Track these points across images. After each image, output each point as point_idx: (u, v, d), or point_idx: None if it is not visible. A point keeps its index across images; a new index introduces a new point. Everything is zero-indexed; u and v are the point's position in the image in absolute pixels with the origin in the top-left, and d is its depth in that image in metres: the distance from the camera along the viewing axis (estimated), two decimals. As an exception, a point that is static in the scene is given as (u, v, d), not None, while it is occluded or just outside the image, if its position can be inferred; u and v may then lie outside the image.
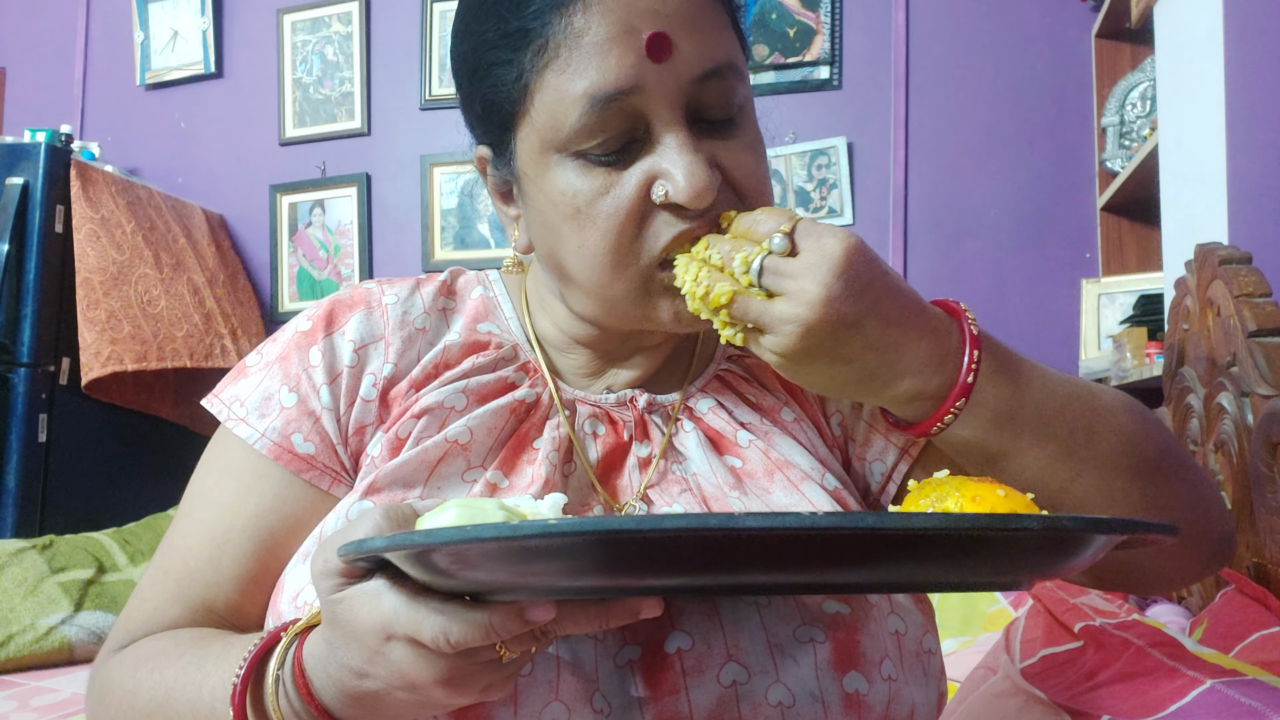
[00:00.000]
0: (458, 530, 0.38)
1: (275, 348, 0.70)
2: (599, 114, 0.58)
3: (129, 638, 0.67)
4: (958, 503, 0.44)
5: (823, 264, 0.53)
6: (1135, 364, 1.87)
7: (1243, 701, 0.60)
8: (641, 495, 0.67)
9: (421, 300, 0.72)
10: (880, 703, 0.57)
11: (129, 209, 2.63)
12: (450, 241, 2.89)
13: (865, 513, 0.36)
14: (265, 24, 3.09)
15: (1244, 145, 1.40)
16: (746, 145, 0.62)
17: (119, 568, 2.10)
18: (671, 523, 0.35)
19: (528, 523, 0.36)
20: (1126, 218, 2.33)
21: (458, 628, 0.43)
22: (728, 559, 0.39)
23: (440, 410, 0.66)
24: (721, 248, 0.57)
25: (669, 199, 0.59)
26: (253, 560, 0.66)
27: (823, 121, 2.61)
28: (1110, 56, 2.37)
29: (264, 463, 0.66)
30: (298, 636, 0.53)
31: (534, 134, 0.61)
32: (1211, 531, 0.66)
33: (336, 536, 0.48)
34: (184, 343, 2.62)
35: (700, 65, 0.59)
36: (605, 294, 0.63)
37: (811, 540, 0.38)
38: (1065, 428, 0.59)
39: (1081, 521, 0.39)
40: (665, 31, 0.57)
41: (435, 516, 0.44)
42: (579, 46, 0.58)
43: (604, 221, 0.60)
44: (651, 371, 0.73)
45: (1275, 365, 0.94)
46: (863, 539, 0.38)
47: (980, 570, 0.43)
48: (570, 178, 0.60)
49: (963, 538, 0.38)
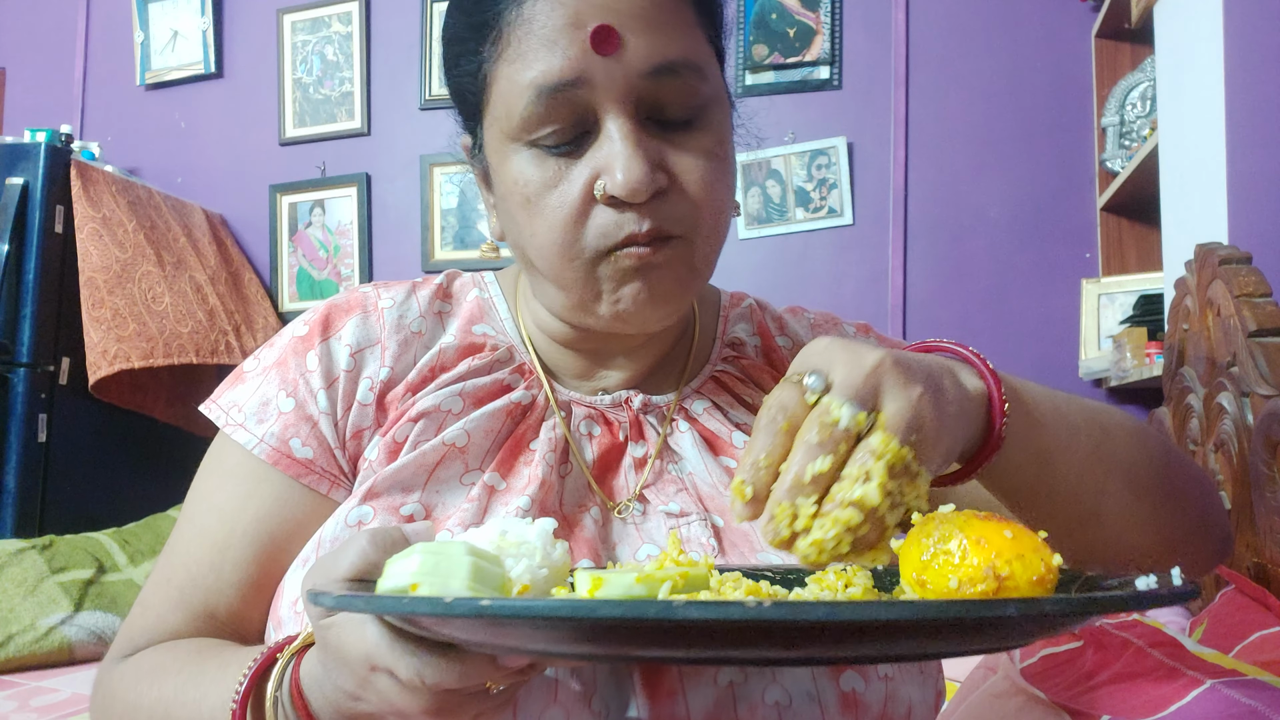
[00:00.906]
0: (395, 600, 0.38)
1: (272, 353, 0.70)
2: (545, 104, 0.59)
3: (132, 646, 0.67)
4: (961, 545, 0.41)
5: (903, 416, 0.46)
6: (1135, 364, 1.87)
7: (1243, 701, 0.60)
8: (638, 495, 0.67)
9: (417, 303, 0.72)
10: (877, 702, 0.57)
11: (130, 208, 2.63)
12: (450, 241, 2.88)
13: (815, 603, 0.33)
14: (265, 24, 3.09)
15: (1244, 145, 1.40)
16: (703, 149, 0.62)
17: (119, 568, 2.10)
18: (605, 610, 0.34)
19: (458, 601, 0.35)
20: (1126, 218, 2.33)
21: (430, 672, 0.43)
22: (676, 639, 0.37)
23: (437, 414, 0.66)
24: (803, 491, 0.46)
25: (608, 193, 0.59)
26: (253, 565, 0.66)
27: (823, 121, 2.61)
28: (1110, 56, 2.37)
29: (263, 468, 0.66)
30: (294, 656, 0.52)
31: (495, 123, 0.63)
32: (1214, 529, 0.67)
33: (326, 560, 0.48)
34: (190, 339, 2.62)
35: (650, 60, 0.59)
36: (560, 280, 0.63)
37: (760, 628, 0.35)
38: (1084, 422, 0.59)
39: (1065, 603, 0.35)
40: (612, 25, 0.58)
41: (400, 562, 0.43)
42: (529, 37, 0.59)
43: (550, 213, 0.61)
44: (642, 372, 0.73)
45: (1275, 365, 0.94)
46: (815, 628, 0.35)
47: (952, 646, 0.40)
48: (524, 167, 0.61)
49: (926, 625, 0.36)
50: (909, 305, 2.53)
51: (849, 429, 0.45)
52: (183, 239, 2.78)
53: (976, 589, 0.40)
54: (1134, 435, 0.62)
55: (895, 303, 2.53)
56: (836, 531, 0.43)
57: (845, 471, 0.44)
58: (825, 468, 0.44)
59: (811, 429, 0.45)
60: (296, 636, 0.54)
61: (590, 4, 0.58)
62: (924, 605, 0.34)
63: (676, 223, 0.61)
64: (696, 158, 0.62)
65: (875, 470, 0.43)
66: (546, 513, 0.64)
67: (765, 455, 0.46)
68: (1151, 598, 0.38)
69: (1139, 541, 0.62)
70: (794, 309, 0.83)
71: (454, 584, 0.41)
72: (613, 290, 0.62)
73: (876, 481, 0.43)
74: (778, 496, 0.44)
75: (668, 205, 0.61)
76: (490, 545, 0.45)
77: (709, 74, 0.63)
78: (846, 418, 0.45)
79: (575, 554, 0.62)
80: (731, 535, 0.65)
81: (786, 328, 0.80)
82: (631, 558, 0.64)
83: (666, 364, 0.75)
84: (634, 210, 0.60)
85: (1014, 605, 0.34)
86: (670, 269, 0.62)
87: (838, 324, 0.81)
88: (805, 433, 0.45)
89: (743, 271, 2.62)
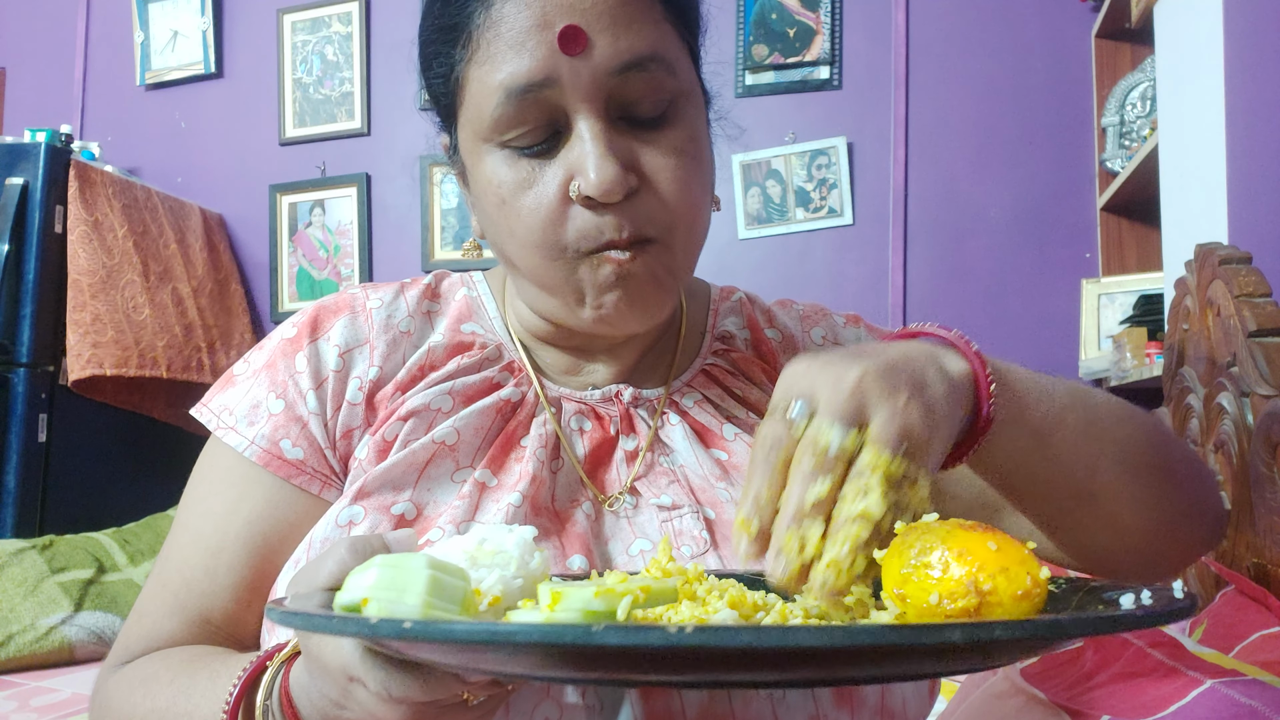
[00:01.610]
0: (326, 620, 0.37)
1: (262, 356, 0.71)
2: (515, 105, 0.59)
3: (129, 654, 0.67)
4: (942, 557, 0.40)
5: (889, 430, 0.46)
6: (1135, 364, 1.87)
7: (1243, 701, 0.60)
8: (629, 488, 0.68)
9: (405, 304, 0.73)
10: (873, 693, 0.57)
11: (124, 212, 2.63)
12: (450, 241, 2.88)
13: (739, 629, 0.32)
14: (265, 24, 3.09)
15: (1244, 145, 1.40)
16: (674, 146, 0.62)
17: (119, 568, 2.10)
18: (522, 635, 0.33)
19: (383, 622, 0.35)
20: (1126, 218, 2.33)
21: (396, 686, 0.43)
22: (606, 662, 0.36)
23: (427, 412, 0.67)
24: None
25: (582, 194, 0.59)
26: (247, 568, 0.66)
27: (823, 121, 2.61)
28: (1110, 56, 2.37)
29: (254, 470, 0.67)
30: (284, 665, 0.53)
31: (468, 124, 0.63)
32: (1208, 510, 0.67)
33: (308, 569, 0.48)
34: (164, 353, 2.64)
35: (618, 58, 0.59)
36: (541, 282, 0.64)
37: (680, 654, 0.34)
38: (1072, 400, 0.58)
39: (1015, 628, 0.33)
40: (579, 25, 0.58)
41: (357, 576, 0.42)
42: (497, 39, 0.59)
43: (527, 214, 0.61)
44: (629, 367, 0.73)
45: (1275, 365, 0.94)
46: (736, 655, 0.33)
47: (899, 669, 0.39)
48: (498, 167, 0.62)
49: (857, 652, 0.34)
50: (909, 305, 2.53)
51: (841, 450, 0.45)
52: (173, 245, 2.79)
53: (958, 604, 0.39)
54: (1124, 414, 0.62)
55: (895, 302, 2.53)
56: (850, 547, 0.42)
57: (843, 493, 0.44)
58: (825, 490, 0.44)
59: (805, 457, 0.45)
60: (285, 645, 0.54)
61: (557, 5, 0.58)
62: (855, 630, 0.33)
63: (652, 224, 0.62)
64: (669, 155, 0.62)
65: (872, 484, 0.43)
66: (538, 508, 0.64)
67: (766, 490, 0.46)
68: (1109, 620, 0.36)
69: (1135, 522, 0.62)
70: (783, 302, 0.84)
71: (409, 599, 0.39)
72: (595, 296, 0.63)
73: (877, 493, 0.43)
74: (783, 525, 0.44)
75: (642, 205, 0.61)
76: (467, 554, 0.44)
77: (678, 69, 0.63)
78: (835, 443, 0.45)
79: (567, 550, 0.62)
80: (723, 528, 0.65)
81: (775, 320, 0.81)
82: (624, 551, 0.64)
83: (655, 358, 0.75)
84: (611, 212, 0.60)
85: (959, 631, 0.32)
86: (649, 276, 0.62)
87: (826, 315, 0.82)
88: (799, 462, 0.45)
89: (743, 271, 2.62)
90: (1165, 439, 0.65)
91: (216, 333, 2.85)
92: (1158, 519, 0.63)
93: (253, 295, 3.09)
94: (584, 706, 0.55)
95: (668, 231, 0.62)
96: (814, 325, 0.80)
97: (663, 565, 0.49)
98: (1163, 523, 0.64)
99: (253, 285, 3.10)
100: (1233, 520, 1.04)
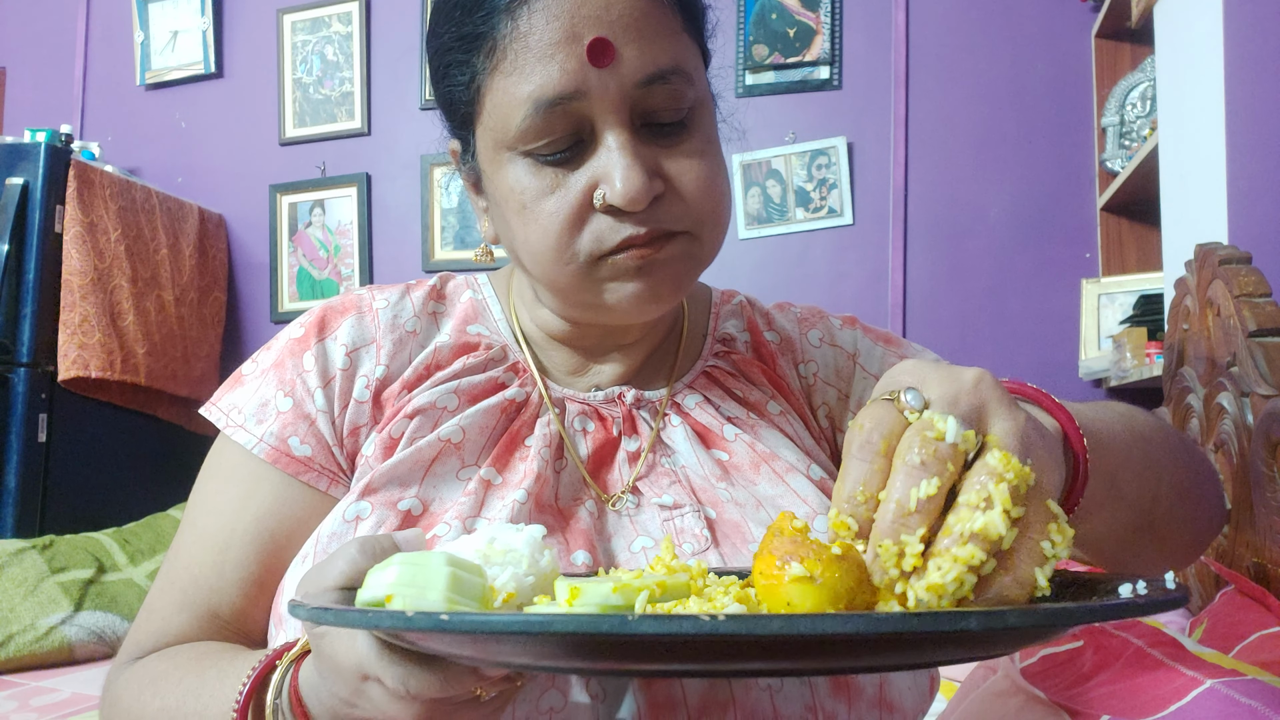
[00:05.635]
0: (361, 615, 0.38)
1: (270, 355, 0.72)
2: (543, 117, 0.59)
3: (139, 650, 0.68)
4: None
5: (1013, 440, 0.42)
6: (1135, 364, 1.87)
7: (1243, 701, 0.60)
8: (631, 487, 0.68)
9: (411, 304, 0.74)
10: (871, 684, 0.58)
11: (119, 215, 2.64)
12: (450, 241, 2.89)
13: (771, 616, 0.32)
14: (265, 24, 3.09)
15: (1244, 145, 1.40)
16: (695, 151, 0.63)
17: (119, 567, 2.10)
18: (559, 625, 0.34)
19: (418, 615, 0.35)
20: (1126, 218, 2.33)
21: (414, 681, 0.43)
22: (636, 652, 0.37)
23: (433, 410, 0.68)
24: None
25: (607, 202, 0.60)
26: (255, 564, 0.67)
27: (823, 121, 2.61)
28: (1110, 56, 2.37)
29: (263, 467, 0.67)
30: (293, 664, 0.53)
31: (488, 132, 0.63)
32: (1221, 506, 0.69)
33: (317, 569, 0.48)
34: (144, 360, 2.66)
35: (643, 70, 0.60)
36: (555, 284, 0.64)
37: (715, 642, 0.34)
38: (1131, 435, 0.57)
39: (1029, 616, 0.33)
40: (607, 37, 0.58)
41: (378, 573, 0.42)
42: (525, 50, 0.59)
43: (546, 220, 0.61)
44: (634, 368, 0.74)
45: (1275, 365, 0.94)
46: (769, 642, 0.34)
47: (918, 657, 0.39)
48: (520, 175, 0.62)
49: (883, 639, 0.34)
50: (909, 305, 2.53)
51: (956, 446, 0.39)
52: (164, 250, 2.80)
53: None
54: (1164, 437, 0.62)
55: (895, 302, 2.53)
56: (957, 573, 0.37)
57: (962, 499, 0.38)
58: (932, 490, 0.38)
59: (912, 448, 0.39)
60: (294, 644, 0.54)
61: (584, 16, 0.58)
62: (882, 619, 0.33)
63: (677, 221, 0.63)
64: (690, 159, 0.63)
65: (998, 494, 0.37)
66: (542, 506, 0.65)
67: (863, 483, 0.40)
68: (1133, 606, 0.36)
69: (1182, 539, 0.63)
70: (781, 305, 0.85)
71: (431, 595, 0.40)
72: (612, 287, 0.63)
73: (999, 508, 0.37)
74: (881, 532, 0.39)
75: (666, 208, 0.62)
76: (478, 553, 0.45)
77: (696, 78, 0.64)
78: (953, 431, 0.39)
79: (570, 546, 0.63)
80: (724, 527, 0.66)
81: (774, 323, 0.82)
82: (626, 550, 0.65)
83: (657, 360, 0.76)
84: (631, 218, 0.61)
85: (975, 619, 0.32)
86: (674, 263, 0.63)
87: (823, 317, 0.83)
88: (905, 453, 0.39)
89: (743, 271, 2.62)
90: (1190, 450, 0.66)
91: (188, 343, 2.87)
92: (1196, 531, 0.65)
93: (239, 301, 3.10)
94: (588, 695, 0.56)
95: (696, 225, 0.63)
96: (811, 328, 0.81)
97: (666, 563, 0.49)
98: (1200, 533, 0.66)
99: (253, 286, 3.10)
100: (1233, 520, 1.04)
